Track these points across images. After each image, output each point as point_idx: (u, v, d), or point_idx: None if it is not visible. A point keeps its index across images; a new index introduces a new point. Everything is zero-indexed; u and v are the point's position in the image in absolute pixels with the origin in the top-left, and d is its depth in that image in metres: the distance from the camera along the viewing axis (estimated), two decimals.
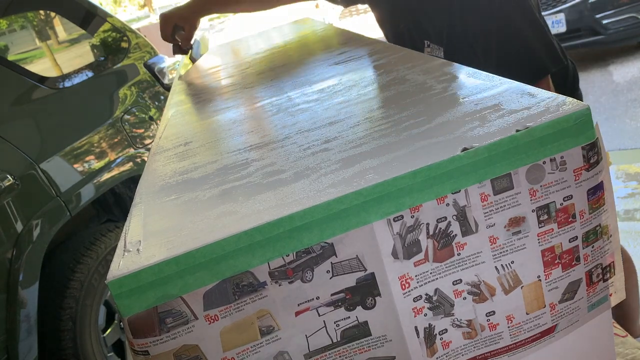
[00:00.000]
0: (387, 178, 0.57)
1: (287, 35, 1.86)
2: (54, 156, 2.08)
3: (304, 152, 0.72)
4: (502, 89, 0.73)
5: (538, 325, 0.65)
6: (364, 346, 0.61)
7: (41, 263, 1.92)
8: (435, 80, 0.86)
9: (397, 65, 1.01)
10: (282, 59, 1.44)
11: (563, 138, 0.59)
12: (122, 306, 0.55)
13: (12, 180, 1.85)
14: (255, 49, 1.75)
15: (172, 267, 0.55)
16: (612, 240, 0.66)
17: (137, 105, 2.62)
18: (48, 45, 2.66)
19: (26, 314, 1.84)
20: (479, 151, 0.58)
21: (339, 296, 0.58)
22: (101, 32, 2.73)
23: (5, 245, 1.79)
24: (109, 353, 2.19)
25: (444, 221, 0.59)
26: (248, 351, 0.58)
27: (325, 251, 0.57)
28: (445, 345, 0.63)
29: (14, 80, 2.14)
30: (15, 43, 2.45)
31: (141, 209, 0.70)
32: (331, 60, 1.23)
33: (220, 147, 0.85)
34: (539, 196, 0.60)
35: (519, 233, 0.61)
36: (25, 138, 2.04)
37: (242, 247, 0.56)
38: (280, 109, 0.96)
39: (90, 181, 2.18)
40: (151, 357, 0.57)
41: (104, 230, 2.28)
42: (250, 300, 0.57)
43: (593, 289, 0.66)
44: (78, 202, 2.09)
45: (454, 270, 0.61)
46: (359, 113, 0.81)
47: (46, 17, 2.71)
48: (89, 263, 2.13)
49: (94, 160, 2.25)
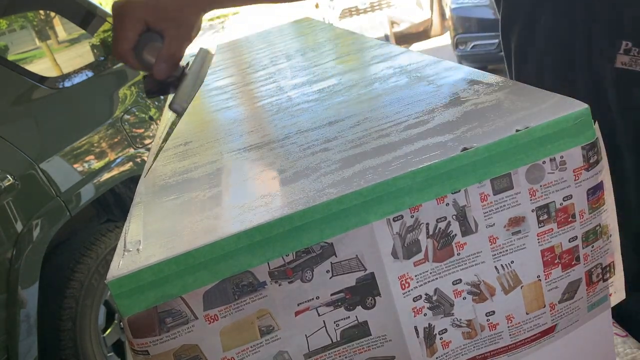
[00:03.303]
0: (387, 178, 0.57)
1: (287, 34, 1.87)
2: (54, 156, 2.08)
3: (304, 152, 0.72)
4: (502, 89, 0.73)
5: (538, 325, 0.65)
6: (364, 346, 0.61)
7: (41, 263, 1.92)
8: (436, 80, 0.86)
9: (397, 65, 1.01)
10: (282, 59, 1.44)
11: (563, 138, 0.59)
12: (122, 306, 0.55)
13: (12, 180, 1.85)
14: (255, 49, 1.75)
15: (172, 267, 0.55)
16: (611, 240, 0.66)
17: (137, 105, 2.62)
18: (48, 45, 2.66)
19: (26, 314, 1.84)
20: (479, 151, 0.58)
21: (338, 296, 0.59)
22: (101, 32, 2.73)
23: (5, 245, 1.79)
24: (109, 353, 2.19)
25: (444, 221, 0.59)
26: (248, 351, 0.58)
27: (325, 251, 0.57)
28: (445, 345, 0.63)
29: (14, 80, 2.14)
30: (15, 43, 2.45)
31: (141, 209, 0.70)
32: (331, 60, 1.23)
33: (220, 147, 0.85)
34: (539, 196, 0.60)
35: (518, 233, 0.61)
36: (25, 138, 2.04)
37: (242, 247, 0.56)
38: (280, 109, 0.96)
39: (90, 181, 2.18)
40: (151, 357, 0.57)
41: (104, 230, 2.28)
42: (250, 300, 0.57)
43: (593, 289, 0.66)
44: (78, 202, 2.09)
45: (454, 270, 0.61)
46: (359, 113, 0.81)
47: (46, 17, 2.71)
48: (89, 263, 2.13)
49: (94, 160, 2.25)
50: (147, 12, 0.73)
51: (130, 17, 0.73)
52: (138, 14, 0.73)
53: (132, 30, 0.73)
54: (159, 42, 0.74)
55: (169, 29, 0.74)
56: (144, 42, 0.74)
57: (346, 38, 1.48)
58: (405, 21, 7.43)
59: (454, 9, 4.95)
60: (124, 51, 0.74)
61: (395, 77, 0.94)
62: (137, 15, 0.73)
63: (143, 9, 0.73)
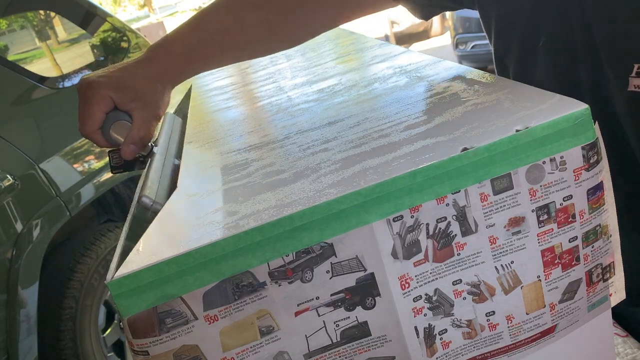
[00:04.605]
0: (387, 178, 0.57)
1: None
2: (54, 156, 2.08)
3: (304, 152, 0.72)
4: (502, 89, 0.73)
5: (538, 325, 0.65)
6: (364, 346, 0.61)
7: (41, 263, 1.92)
8: (436, 80, 0.86)
9: (397, 65, 1.01)
10: (282, 59, 1.44)
11: (563, 138, 0.59)
12: (121, 306, 0.55)
13: (12, 180, 1.85)
14: None
15: (172, 267, 0.55)
16: (612, 240, 0.66)
17: None
18: (48, 45, 2.66)
19: (26, 314, 1.84)
20: (479, 151, 0.58)
21: (338, 296, 0.58)
22: (101, 32, 2.73)
23: (5, 245, 1.79)
24: (109, 353, 2.19)
25: (444, 221, 0.59)
26: (248, 351, 0.58)
27: (325, 251, 0.57)
28: (445, 345, 0.63)
29: (14, 80, 2.14)
30: (15, 43, 2.45)
31: None
32: (331, 60, 1.23)
33: (220, 147, 0.85)
34: (539, 196, 0.60)
35: (518, 233, 0.61)
36: (25, 138, 2.04)
37: (242, 247, 0.56)
38: (280, 109, 0.96)
39: (90, 181, 2.18)
40: (151, 357, 0.57)
41: (104, 230, 2.28)
42: (250, 301, 0.57)
43: (593, 289, 0.66)
44: (78, 202, 2.09)
45: (454, 270, 0.61)
46: (359, 113, 0.81)
47: (46, 17, 2.71)
48: (89, 263, 2.13)
49: (94, 160, 2.25)
50: (113, 91, 0.71)
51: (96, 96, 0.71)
52: (104, 93, 0.71)
53: (99, 111, 0.71)
54: (126, 119, 0.72)
55: (136, 109, 0.72)
56: (111, 120, 0.72)
57: (346, 38, 1.48)
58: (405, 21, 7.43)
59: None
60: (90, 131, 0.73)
61: (395, 77, 0.94)
62: (104, 94, 0.71)
63: (109, 88, 0.71)
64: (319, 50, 1.43)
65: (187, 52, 0.76)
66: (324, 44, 1.50)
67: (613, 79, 0.77)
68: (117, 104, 0.72)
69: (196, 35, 0.77)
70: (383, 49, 1.19)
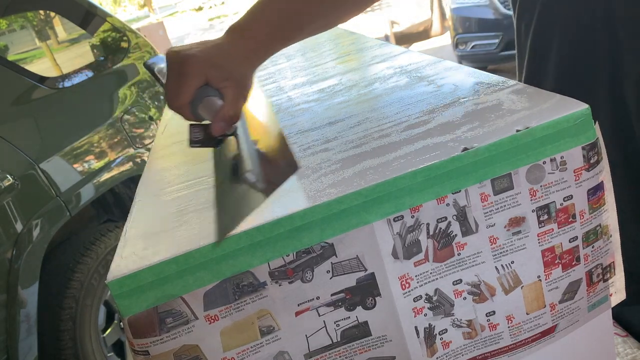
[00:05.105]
0: (387, 178, 0.57)
1: None
2: (54, 156, 2.08)
3: (304, 152, 0.72)
4: (502, 89, 0.73)
5: (538, 325, 0.65)
6: (364, 346, 0.61)
7: (41, 263, 1.92)
8: (436, 80, 0.85)
9: (397, 65, 1.01)
10: (282, 59, 1.44)
11: (563, 138, 0.59)
12: (122, 306, 0.55)
13: (12, 180, 1.85)
14: None
15: (172, 267, 0.55)
16: (612, 240, 0.66)
17: (137, 105, 2.61)
18: (48, 45, 2.66)
19: (26, 314, 1.84)
20: (479, 151, 0.58)
21: (339, 296, 0.58)
22: (101, 32, 2.73)
23: (5, 245, 1.79)
24: (109, 353, 2.19)
25: (444, 221, 0.59)
26: (248, 351, 0.58)
27: (325, 251, 0.57)
28: (445, 345, 0.63)
29: (14, 80, 2.14)
30: (15, 43, 2.45)
31: (141, 209, 0.70)
32: (331, 60, 1.23)
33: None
34: (539, 196, 0.60)
35: (519, 233, 0.61)
36: (25, 138, 2.04)
37: (242, 247, 0.56)
38: (280, 109, 0.96)
39: (90, 181, 2.18)
40: (151, 357, 0.57)
41: (104, 230, 2.28)
42: (251, 300, 0.57)
43: (593, 289, 0.66)
44: (78, 202, 2.09)
45: (454, 270, 0.61)
46: (359, 113, 0.81)
47: (46, 17, 2.71)
48: (89, 263, 2.13)
49: (94, 160, 2.25)
50: (208, 69, 0.71)
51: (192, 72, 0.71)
52: (199, 70, 0.71)
53: (193, 86, 0.71)
54: (215, 96, 0.72)
55: (229, 88, 0.72)
56: (200, 96, 0.72)
57: (346, 38, 1.47)
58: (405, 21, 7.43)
59: (454, 9, 4.95)
60: (181, 104, 0.72)
61: (396, 77, 0.94)
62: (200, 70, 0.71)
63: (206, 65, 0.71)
64: (319, 50, 1.42)
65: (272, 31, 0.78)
66: (324, 44, 1.49)
67: (630, 76, 0.79)
68: (209, 81, 0.72)
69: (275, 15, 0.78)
70: (383, 49, 1.19)
